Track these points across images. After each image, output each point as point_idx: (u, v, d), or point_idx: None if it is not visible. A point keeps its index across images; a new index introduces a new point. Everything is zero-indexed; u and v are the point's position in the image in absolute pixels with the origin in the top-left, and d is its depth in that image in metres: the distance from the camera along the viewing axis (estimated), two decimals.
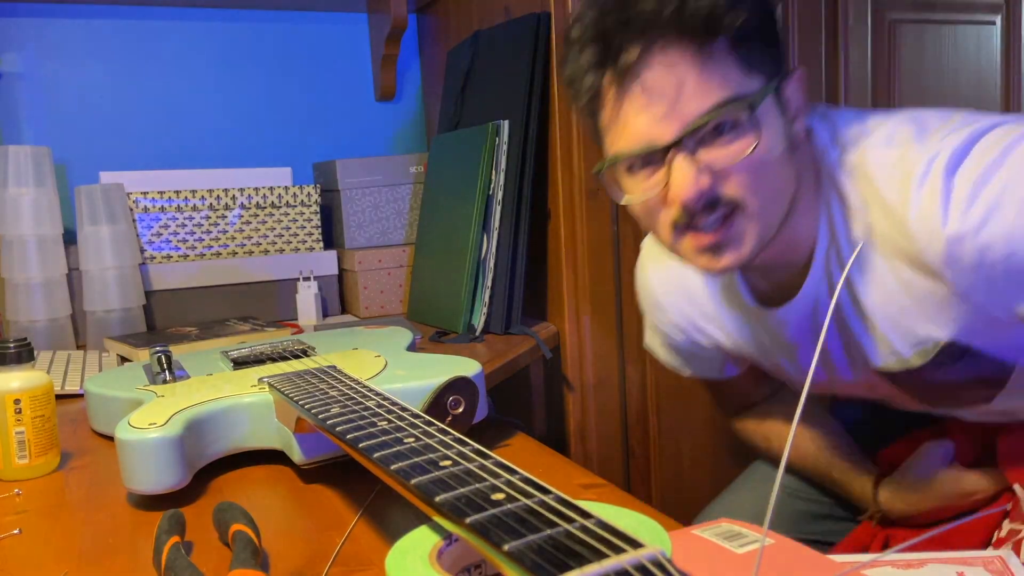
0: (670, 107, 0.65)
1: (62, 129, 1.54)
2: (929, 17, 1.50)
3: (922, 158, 0.67)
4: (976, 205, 0.63)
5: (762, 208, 0.68)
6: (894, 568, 0.53)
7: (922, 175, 0.66)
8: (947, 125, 0.69)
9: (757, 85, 0.67)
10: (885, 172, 0.69)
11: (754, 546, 0.46)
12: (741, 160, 0.66)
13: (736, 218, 0.68)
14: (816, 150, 0.74)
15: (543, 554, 0.33)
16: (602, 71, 0.68)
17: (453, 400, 0.71)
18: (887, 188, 0.69)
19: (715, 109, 0.65)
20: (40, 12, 1.51)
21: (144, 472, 0.65)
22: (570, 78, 0.71)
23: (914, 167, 0.67)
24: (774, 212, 0.69)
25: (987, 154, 0.64)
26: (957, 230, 0.64)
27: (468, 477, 0.42)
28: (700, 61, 0.64)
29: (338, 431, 0.55)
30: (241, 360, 0.88)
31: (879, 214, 0.70)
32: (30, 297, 1.28)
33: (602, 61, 0.67)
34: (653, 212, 0.70)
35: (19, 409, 0.73)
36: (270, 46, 1.67)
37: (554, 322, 1.29)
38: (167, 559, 0.50)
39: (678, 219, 0.68)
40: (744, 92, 0.66)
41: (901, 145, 0.69)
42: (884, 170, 0.69)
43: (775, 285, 0.79)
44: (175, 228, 1.41)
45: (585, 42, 0.68)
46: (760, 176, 0.67)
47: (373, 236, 1.55)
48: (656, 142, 0.66)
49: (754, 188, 0.67)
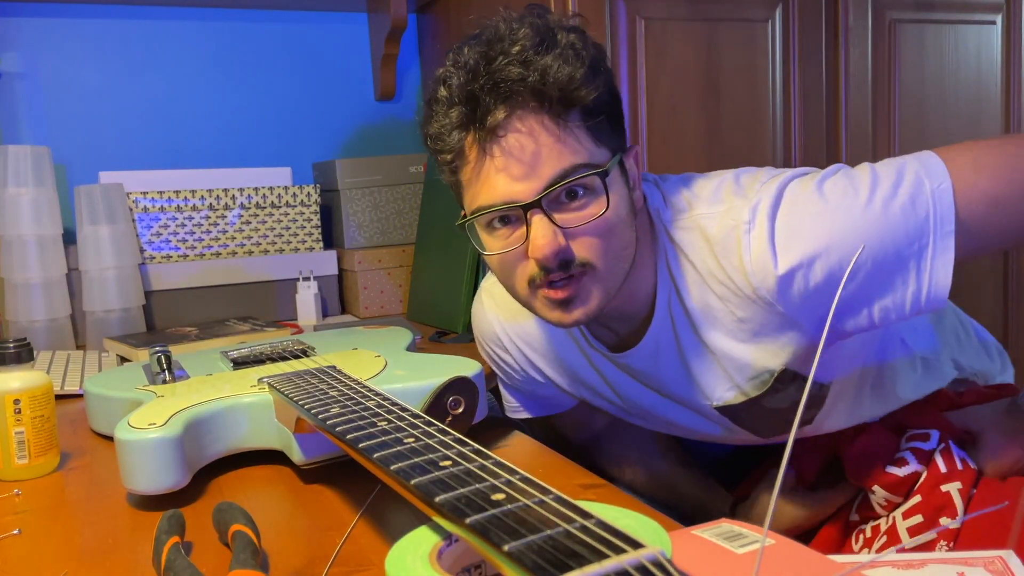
0: (529, 169, 0.71)
1: (62, 129, 1.54)
2: (929, 17, 1.50)
3: (746, 207, 0.75)
4: (795, 242, 0.73)
5: (608, 268, 0.74)
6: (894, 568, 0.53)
7: (749, 222, 0.75)
8: (758, 178, 0.78)
9: (605, 156, 0.73)
10: (715, 223, 0.77)
11: (754, 546, 0.46)
12: (593, 222, 0.72)
13: (586, 277, 0.74)
14: (651, 212, 0.81)
15: (543, 554, 0.33)
16: (466, 132, 0.73)
17: (453, 400, 0.71)
18: (719, 237, 0.76)
19: (570, 172, 0.71)
20: (40, 12, 1.51)
21: (144, 472, 0.65)
22: (435, 136, 0.76)
23: (741, 215, 0.75)
24: (619, 271, 0.76)
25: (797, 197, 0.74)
26: (787, 267, 0.73)
27: (468, 477, 0.42)
28: (557, 129, 0.71)
29: (338, 431, 0.55)
30: (241, 360, 0.88)
31: (713, 262, 0.77)
32: (30, 297, 1.28)
33: (467, 122, 0.73)
34: (511, 267, 0.76)
35: (19, 409, 0.73)
36: (270, 46, 1.67)
37: None
38: (167, 559, 0.50)
39: (535, 276, 0.74)
40: (595, 160, 0.72)
41: (726, 200, 0.77)
42: (714, 221, 0.77)
43: (619, 334, 0.86)
44: (175, 228, 1.41)
45: (452, 103, 0.73)
46: (608, 239, 0.73)
47: (373, 236, 1.55)
48: (516, 200, 0.71)
49: (603, 250, 0.73)
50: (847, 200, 0.73)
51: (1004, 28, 1.56)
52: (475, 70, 0.71)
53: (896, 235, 0.72)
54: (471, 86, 0.71)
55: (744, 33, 1.34)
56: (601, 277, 0.74)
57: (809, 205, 0.74)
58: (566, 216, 0.72)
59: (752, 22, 1.35)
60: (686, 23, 1.29)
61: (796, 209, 0.74)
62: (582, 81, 0.70)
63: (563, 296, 0.74)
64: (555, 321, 0.77)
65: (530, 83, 0.70)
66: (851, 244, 0.72)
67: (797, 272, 0.73)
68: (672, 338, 0.82)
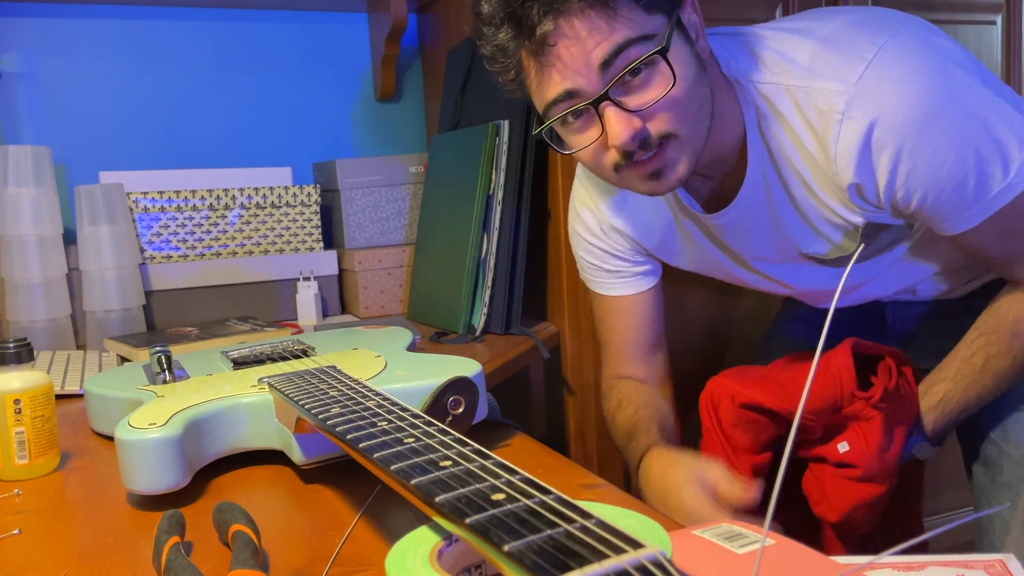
0: (586, 64, 0.72)
1: (62, 129, 1.54)
2: (929, 17, 1.49)
3: (844, 94, 0.76)
4: (883, 159, 0.76)
5: (689, 133, 0.77)
6: (894, 570, 0.53)
7: (843, 112, 0.76)
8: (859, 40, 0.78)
9: (661, 23, 0.74)
10: (810, 99, 0.78)
11: (754, 546, 0.46)
12: (663, 99, 0.73)
13: (669, 147, 0.76)
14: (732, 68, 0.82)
15: (543, 554, 0.33)
16: (519, 47, 0.75)
17: (453, 400, 0.71)
18: (814, 115, 0.78)
19: (625, 46, 0.72)
20: (40, 12, 1.51)
21: (144, 472, 0.65)
22: (491, 57, 0.78)
23: (836, 103, 0.76)
24: (700, 131, 0.78)
25: (891, 123, 0.75)
26: (862, 180, 0.78)
27: (468, 477, 0.42)
28: (606, 18, 0.72)
29: (338, 431, 0.55)
30: (241, 360, 0.88)
31: (806, 133, 0.79)
32: (30, 297, 1.28)
33: (517, 39, 0.74)
34: (596, 158, 0.79)
35: (19, 409, 0.73)
36: (270, 46, 1.67)
37: (554, 322, 1.29)
38: (167, 559, 0.50)
39: (618, 161, 0.77)
40: (649, 31, 0.73)
41: (824, 73, 0.77)
42: (809, 96, 0.78)
43: (715, 193, 0.89)
44: (175, 228, 1.41)
45: (498, 22, 0.75)
46: (682, 107, 0.75)
47: (373, 236, 1.55)
48: (582, 92, 0.74)
49: (679, 119, 0.75)
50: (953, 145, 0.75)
51: (1004, 28, 1.56)
52: None
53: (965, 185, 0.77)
54: (511, 3, 0.73)
55: None
56: (684, 143, 0.77)
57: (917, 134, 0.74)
58: (635, 98, 0.74)
59: (752, 22, 1.35)
60: None
61: (899, 130, 0.75)
62: None
63: (652, 169, 0.77)
64: (649, 192, 0.80)
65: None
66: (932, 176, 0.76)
67: (870, 186, 0.78)
68: (764, 197, 0.86)
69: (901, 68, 0.75)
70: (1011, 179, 0.77)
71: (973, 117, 0.75)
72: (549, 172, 1.26)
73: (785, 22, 0.87)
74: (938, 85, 0.74)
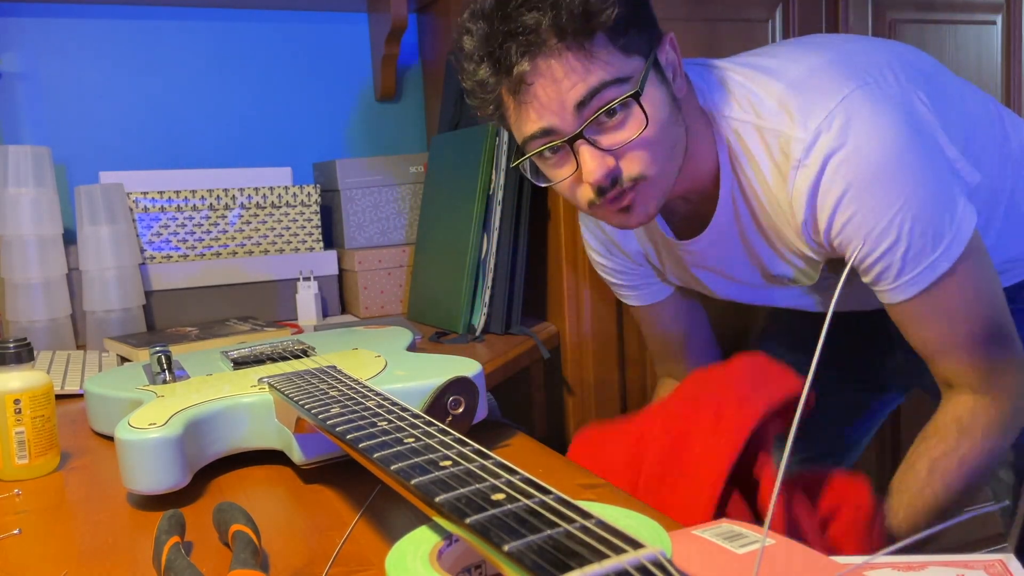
0: (562, 103, 0.74)
1: (62, 129, 1.54)
2: (929, 17, 1.50)
3: (802, 142, 0.78)
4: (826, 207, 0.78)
5: (660, 173, 0.79)
6: (894, 570, 0.53)
7: (800, 159, 0.78)
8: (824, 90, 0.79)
9: (637, 64, 0.75)
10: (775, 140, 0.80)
11: (754, 546, 0.46)
12: (636, 139, 0.76)
13: (639, 186, 0.78)
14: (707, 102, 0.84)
15: (543, 554, 0.33)
16: (498, 83, 0.77)
17: (453, 400, 0.71)
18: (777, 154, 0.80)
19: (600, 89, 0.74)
20: (40, 12, 1.51)
21: (144, 472, 0.65)
22: (471, 91, 0.81)
23: (794, 150, 0.78)
24: (671, 170, 0.81)
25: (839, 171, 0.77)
26: (812, 222, 0.80)
27: (468, 477, 0.42)
28: (582, 59, 0.73)
29: (338, 431, 0.55)
30: (241, 360, 0.88)
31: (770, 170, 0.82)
32: (30, 297, 1.28)
33: (496, 75, 0.77)
34: (572, 190, 0.82)
35: (19, 409, 0.73)
36: (270, 46, 1.67)
37: (554, 322, 1.29)
38: (167, 559, 0.50)
39: (592, 198, 0.79)
40: (625, 73, 0.75)
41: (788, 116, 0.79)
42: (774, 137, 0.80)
43: (688, 220, 0.92)
44: (175, 228, 1.41)
45: (479, 59, 0.77)
46: (654, 148, 0.77)
47: (373, 236, 1.55)
48: (557, 130, 0.76)
49: (651, 159, 0.78)
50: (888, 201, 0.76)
51: (1004, 28, 1.56)
52: (492, 20, 0.75)
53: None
54: (491, 43, 0.75)
55: (744, 33, 1.34)
56: (653, 182, 0.79)
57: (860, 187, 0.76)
58: (609, 138, 0.76)
59: (752, 22, 1.35)
60: (686, 23, 1.29)
61: (845, 179, 0.76)
62: (598, 4, 0.72)
63: (621, 205, 0.80)
64: (619, 225, 0.84)
65: (546, 25, 0.72)
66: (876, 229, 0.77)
67: (813, 226, 0.81)
68: (735, 226, 0.88)
69: (859, 124, 0.76)
70: (935, 257, 0.77)
71: (918, 185, 0.76)
72: None
73: (761, 57, 0.88)
74: (890, 146, 0.76)
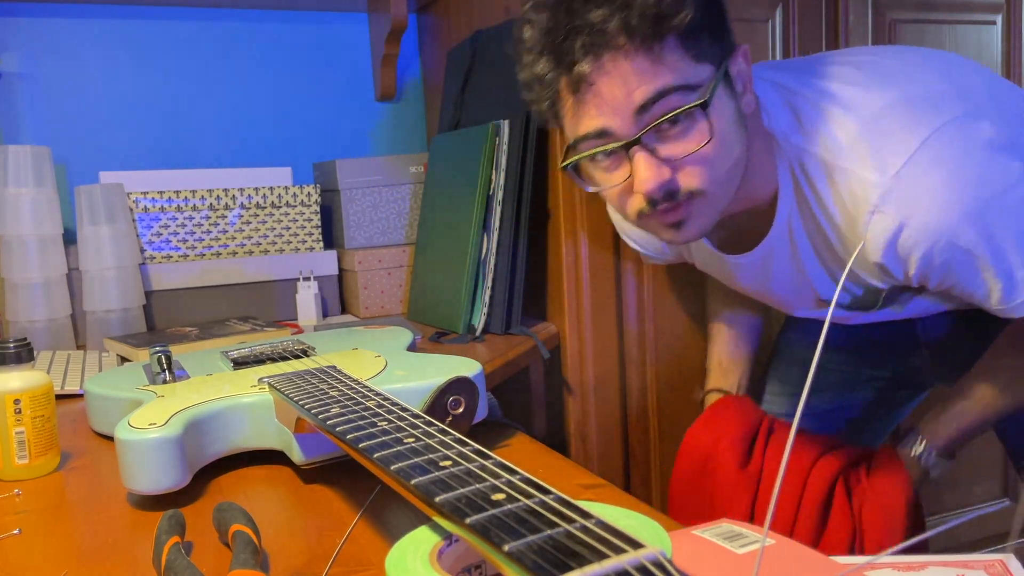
0: (624, 105, 0.69)
1: (62, 129, 1.54)
2: (929, 17, 1.50)
3: (878, 186, 0.73)
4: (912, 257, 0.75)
5: (717, 191, 0.74)
6: (894, 570, 0.53)
7: (877, 205, 0.73)
8: (901, 134, 0.74)
9: (706, 73, 0.70)
10: (846, 181, 0.75)
11: (754, 546, 0.46)
12: (697, 152, 0.70)
13: (695, 202, 0.74)
14: (775, 127, 0.79)
15: (543, 554, 0.33)
16: (557, 78, 0.72)
17: (453, 400, 0.71)
18: (847, 198, 0.76)
19: (666, 93, 0.69)
20: (40, 12, 1.51)
21: (144, 472, 0.65)
22: (527, 83, 0.76)
23: (870, 195, 0.73)
24: (729, 190, 0.76)
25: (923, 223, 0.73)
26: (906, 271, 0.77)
27: (468, 477, 0.42)
28: (650, 61, 0.68)
29: (338, 431, 0.55)
30: (241, 360, 0.88)
31: (838, 209, 0.77)
32: (30, 297, 1.28)
33: (556, 70, 0.71)
34: (621, 199, 0.77)
35: (19, 409, 0.73)
36: (270, 46, 1.67)
37: (554, 322, 1.29)
38: (167, 559, 0.50)
39: (643, 208, 0.74)
40: (693, 81, 0.69)
41: (862, 159, 0.74)
42: (846, 178, 0.75)
43: (736, 234, 0.88)
44: (175, 228, 1.41)
45: (539, 52, 0.72)
46: (714, 164, 0.72)
47: (373, 236, 1.55)
48: (614, 133, 0.71)
49: (710, 176, 0.73)
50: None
51: (1004, 28, 1.56)
52: (555, 12, 0.69)
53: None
54: (553, 36, 0.69)
55: (744, 33, 1.34)
56: (710, 200, 0.74)
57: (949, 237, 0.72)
58: (668, 148, 0.71)
59: (752, 22, 1.35)
60: None
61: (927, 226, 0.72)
62: (672, 6, 0.67)
63: (673, 220, 0.75)
64: (669, 240, 0.79)
65: (615, 23, 0.66)
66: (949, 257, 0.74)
67: (897, 271, 0.77)
68: (788, 248, 0.84)
69: (940, 170, 0.71)
70: None
71: (1007, 226, 0.72)
72: (549, 172, 1.26)
73: (832, 81, 0.81)
74: (973, 193, 0.71)
